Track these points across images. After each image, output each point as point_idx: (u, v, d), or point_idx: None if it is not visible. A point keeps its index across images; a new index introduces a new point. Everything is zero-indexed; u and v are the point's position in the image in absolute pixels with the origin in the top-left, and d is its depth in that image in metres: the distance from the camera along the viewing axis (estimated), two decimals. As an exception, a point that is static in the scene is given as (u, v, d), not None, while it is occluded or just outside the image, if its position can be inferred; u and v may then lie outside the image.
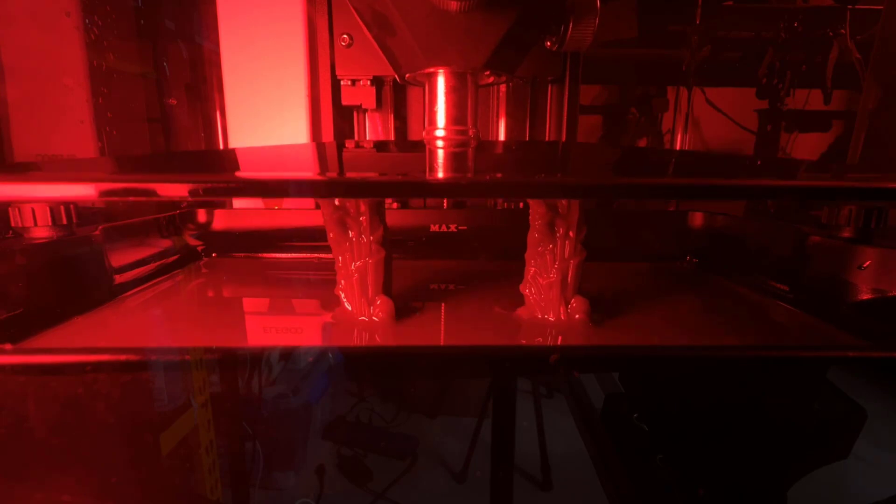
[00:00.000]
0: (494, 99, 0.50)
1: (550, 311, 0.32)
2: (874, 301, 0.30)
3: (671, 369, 0.27)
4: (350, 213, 0.31)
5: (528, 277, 0.33)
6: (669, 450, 0.31)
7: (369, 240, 0.31)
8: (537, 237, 0.31)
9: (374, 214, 0.31)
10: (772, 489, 0.28)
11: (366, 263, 0.31)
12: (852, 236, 0.33)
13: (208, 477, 0.37)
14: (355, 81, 0.47)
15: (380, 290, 0.32)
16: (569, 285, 0.31)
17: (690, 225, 0.49)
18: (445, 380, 0.64)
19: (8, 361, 0.23)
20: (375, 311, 0.31)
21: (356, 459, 0.65)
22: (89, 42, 0.53)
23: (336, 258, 0.32)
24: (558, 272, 0.31)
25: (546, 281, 0.32)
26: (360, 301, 0.32)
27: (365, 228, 0.31)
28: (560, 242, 0.31)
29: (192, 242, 0.49)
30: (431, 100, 0.32)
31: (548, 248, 0.31)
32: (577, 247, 0.31)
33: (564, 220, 0.30)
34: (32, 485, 0.24)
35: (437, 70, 0.31)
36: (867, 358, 0.25)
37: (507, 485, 0.40)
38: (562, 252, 0.31)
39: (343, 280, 0.32)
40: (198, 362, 0.26)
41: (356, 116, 0.49)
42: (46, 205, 0.32)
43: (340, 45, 0.45)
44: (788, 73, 0.72)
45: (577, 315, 0.31)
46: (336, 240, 0.31)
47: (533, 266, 0.32)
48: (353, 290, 0.32)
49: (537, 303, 0.32)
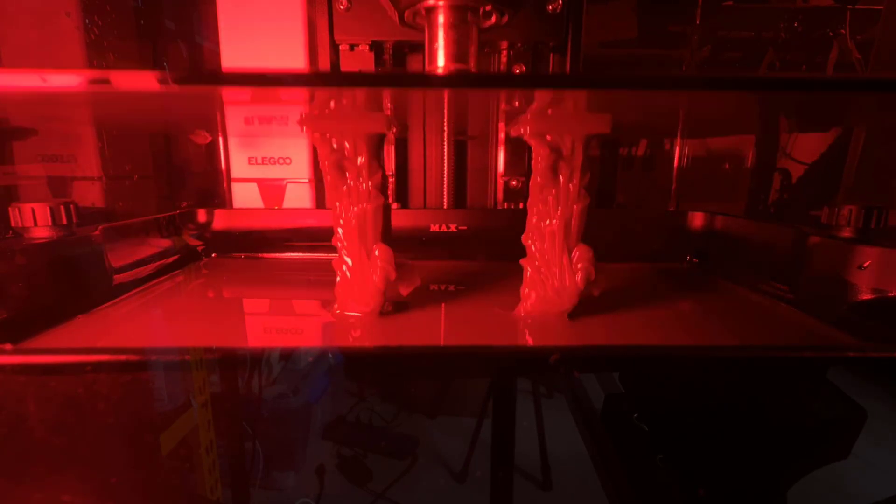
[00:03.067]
0: (495, 68, 0.49)
1: (553, 261, 0.31)
2: (874, 301, 0.30)
3: (671, 369, 0.27)
4: (348, 156, 0.30)
5: (529, 226, 0.32)
6: (669, 450, 0.31)
7: (367, 185, 0.30)
8: (540, 181, 0.30)
9: (372, 158, 0.30)
10: (772, 489, 0.28)
11: (364, 209, 0.30)
12: (852, 236, 0.33)
13: (208, 477, 0.37)
14: (354, 46, 0.47)
15: (378, 239, 0.31)
16: (572, 232, 0.31)
17: (690, 225, 0.49)
18: (445, 380, 0.64)
19: (8, 361, 0.23)
20: (374, 261, 0.31)
21: (356, 459, 0.65)
22: (89, 42, 0.53)
23: (333, 205, 0.31)
24: (561, 218, 0.30)
25: (549, 228, 0.31)
26: (359, 250, 0.31)
27: (363, 172, 0.30)
28: (563, 187, 0.30)
29: (192, 242, 0.49)
30: (431, 37, 0.31)
31: (550, 193, 0.30)
32: (581, 192, 0.30)
33: (568, 163, 0.30)
34: (32, 485, 0.24)
35: (438, 3, 0.30)
36: (867, 358, 0.25)
37: (507, 485, 0.40)
38: (565, 197, 0.30)
39: (341, 229, 0.31)
40: (198, 362, 0.26)
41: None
42: (46, 204, 0.32)
43: (339, 8, 0.44)
44: (788, 73, 0.72)
45: (580, 264, 0.31)
46: (333, 184, 0.30)
47: (535, 214, 0.31)
48: (352, 238, 0.31)
49: (539, 252, 0.31)
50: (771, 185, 0.76)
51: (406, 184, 0.52)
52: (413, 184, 0.52)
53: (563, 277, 0.31)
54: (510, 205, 0.51)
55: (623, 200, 0.79)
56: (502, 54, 0.48)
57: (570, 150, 0.29)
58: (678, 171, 0.65)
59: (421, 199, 0.52)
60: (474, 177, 0.52)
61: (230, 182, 0.52)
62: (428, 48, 0.32)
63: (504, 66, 0.48)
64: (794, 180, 0.77)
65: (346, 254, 0.32)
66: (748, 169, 0.78)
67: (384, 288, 0.31)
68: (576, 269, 0.31)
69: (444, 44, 0.31)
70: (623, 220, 0.51)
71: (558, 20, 0.45)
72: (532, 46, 0.48)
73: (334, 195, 0.31)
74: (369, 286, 0.31)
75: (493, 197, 0.52)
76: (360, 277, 0.31)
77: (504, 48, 0.48)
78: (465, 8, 0.30)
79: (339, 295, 0.32)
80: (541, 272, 0.32)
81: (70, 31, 0.51)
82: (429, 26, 0.32)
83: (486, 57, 0.49)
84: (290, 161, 0.51)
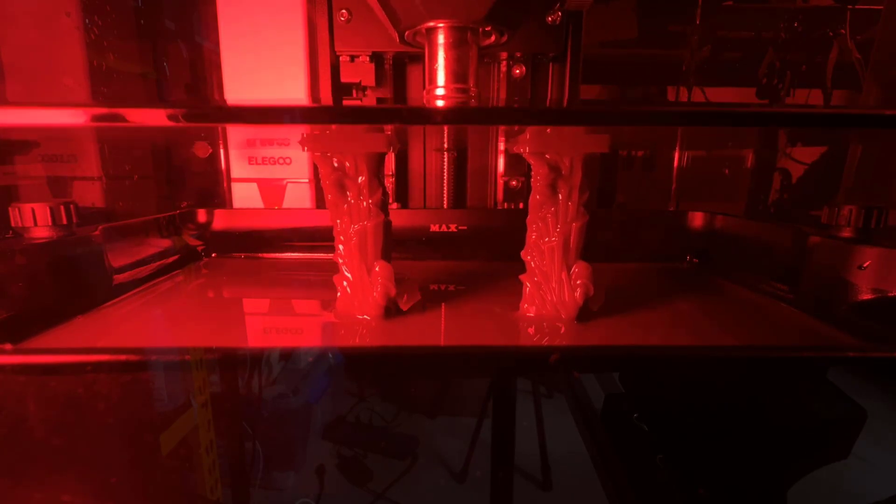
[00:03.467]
0: (494, 80, 0.49)
1: (552, 277, 0.31)
2: (874, 301, 0.30)
3: (671, 369, 0.27)
4: (348, 175, 0.30)
5: (529, 243, 0.32)
6: (669, 450, 0.31)
7: (368, 202, 0.30)
8: (539, 199, 0.31)
9: (372, 177, 0.30)
10: (772, 489, 0.28)
11: (364, 227, 0.30)
12: (852, 236, 0.33)
13: (208, 477, 0.37)
14: (354, 57, 0.46)
15: (379, 255, 0.31)
16: (571, 249, 0.31)
17: (690, 225, 0.49)
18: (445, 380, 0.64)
19: (8, 361, 0.23)
20: (374, 278, 0.31)
21: (356, 459, 0.65)
22: (89, 42, 0.52)
23: (334, 222, 0.31)
24: (560, 235, 0.30)
25: (548, 245, 0.31)
26: (359, 267, 0.31)
27: (364, 191, 0.30)
28: (562, 205, 0.30)
29: (192, 242, 0.49)
30: (431, 57, 0.31)
31: (549, 210, 0.31)
32: (580, 209, 0.30)
33: (567, 181, 0.30)
34: (32, 485, 0.24)
35: (438, 24, 0.30)
36: (867, 358, 0.25)
37: (507, 485, 0.40)
38: (564, 214, 0.30)
39: (342, 245, 0.31)
40: (198, 362, 0.26)
41: (356, 95, 0.49)
42: (46, 204, 0.32)
43: (339, 20, 0.44)
44: (788, 73, 0.72)
45: (579, 280, 0.31)
46: (334, 202, 0.31)
47: (535, 231, 0.32)
48: (353, 255, 0.31)
49: (539, 268, 0.32)
50: (771, 185, 0.76)
51: (406, 184, 0.52)
52: (413, 184, 0.52)
53: (563, 293, 0.31)
54: (510, 205, 0.51)
55: (623, 200, 0.79)
56: (502, 64, 0.48)
57: (568, 169, 0.30)
58: (678, 171, 0.65)
59: (421, 199, 0.52)
60: (474, 177, 0.52)
61: (230, 182, 0.52)
62: (428, 67, 0.33)
63: (504, 74, 0.49)
64: (794, 180, 0.77)
65: (347, 269, 0.32)
66: (748, 169, 0.78)
67: (384, 304, 0.31)
68: (575, 286, 0.31)
69: (444, 63, 0.31)
70: (623, 220, 0.51)
71: (558, 31, 0.45)
72: (531, 57, 0.48)
73: (335, 212, 0.31)
74: (369, 301, 0.31)
75: (493, 197, 0.52)
76: (361, 293, 0.32)
77: (504, 58, 0.48)
78: (465, 29, 0.31)
79: (340, 310, 0.33)
80: (540, 288, 0.32)
81: (70, 32, 0.51)
82: (429, 45, 0.32)
83: (485, 66, 0.49)
84: (290, 161, 0.51)
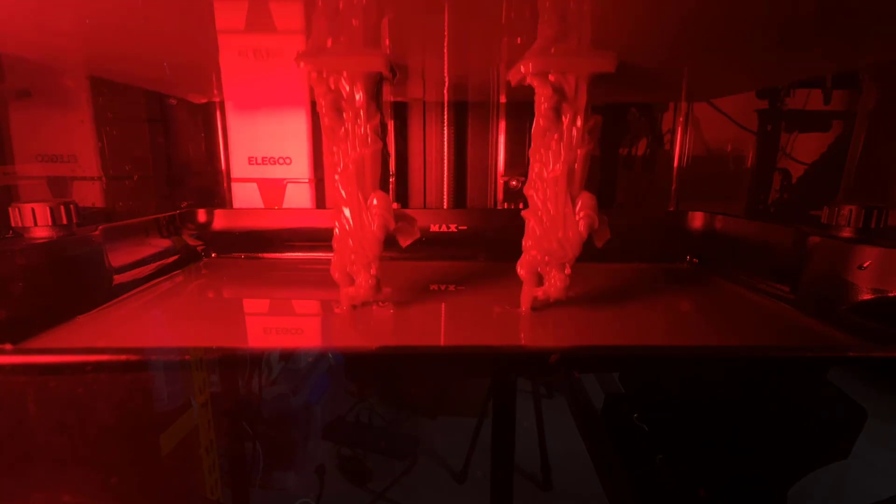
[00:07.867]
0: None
1: (556, 210, 0.30)
2: (874, 301, 0.30)
3: (671, 369, 0.27)
4: (345, 97, 0.28)
5: (532, 176, 0.31)
6: (669, 450, 0.31)
7: (366, 128, 0.29)
8: (542, 125, 0.29)
9: (370, 100, 0.29)
10: (772, 489, 0.28)
11: (362, 154, 0.29)
12: (852, 236, 0.33)
13: (208, 477, 0.37)
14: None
15: (377, 186, 0.30)
16: (576, 179, 0.29)
17: (690, 225, 0.49)
18: (445, 380, 0.64)
19: (8, 361, 0.23)
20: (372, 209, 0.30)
21: (356, 459, 0.65)
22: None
23: (330, 149, 0.30)
24: (564, 164, 0.29)
25: (551, 174, 0.29)
26: (356, 198, 0.30)
27: (362, 113, 0.29)
28: (566, 130, 0.29)
29: (192, 242, 0.49)
30: None
31: (553, 137, 0.29)
32: (585, 136, 0.29)
33: (571, 104, 0.28)
34: (32, 485, 0.24)
35: None
36: (867, 358, 0.25)
37: (507, 485, 0.40)
38: (568, 141, 0.29)
39: (338, 176, 0.30)
40: (198, 362, 0.26)
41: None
42: (46, 204, 0.32)
43: None
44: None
45: (583, 211, 0.29)
46: (330, 126, 0.29)
47: (538, 161, 0.30)
48: (350, 185, 0.30)
49: (542, 202, 0.30)
50: (771, 185, 0.76)
51: (406, 184, 0.52)
52: (413, 184, 0.52)
53: (567, 228, 0.30)
54: (510, 205, 0.52)
55: (623, 200, 0.79)
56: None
57: (573, 91, 0.28)
58: (678, 171, 0.65)
59: (421, 200, 0.52)
60: (474, 177, 0.52)
61: (230, 182, 0.52)
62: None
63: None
64: (794, 180, 0.77)
65: (344, 203, 0.30)
66: (748, 169, 0.78)
67: (383, 237, 0.30)
68: (579, 218, 0.30)
69: None
70: (623, 219, 0.51)
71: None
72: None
73: (331, 139, 0.30)
74: (368, 236, 0.30)
75: (493, 197, 0.52)
76: (359, 227, 0.30)
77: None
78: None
79: (337, 248, 0.31)
80: (543, 223, 0.31)
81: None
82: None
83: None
84: (290, 161, 0.51)
